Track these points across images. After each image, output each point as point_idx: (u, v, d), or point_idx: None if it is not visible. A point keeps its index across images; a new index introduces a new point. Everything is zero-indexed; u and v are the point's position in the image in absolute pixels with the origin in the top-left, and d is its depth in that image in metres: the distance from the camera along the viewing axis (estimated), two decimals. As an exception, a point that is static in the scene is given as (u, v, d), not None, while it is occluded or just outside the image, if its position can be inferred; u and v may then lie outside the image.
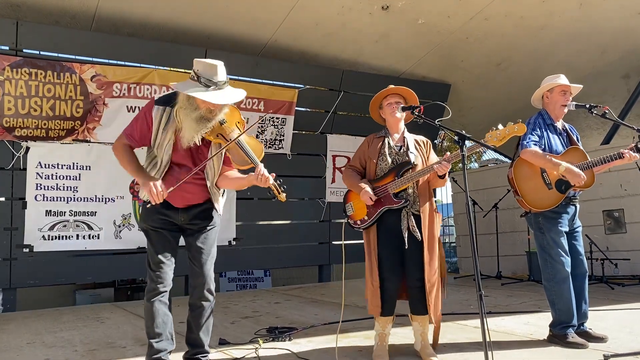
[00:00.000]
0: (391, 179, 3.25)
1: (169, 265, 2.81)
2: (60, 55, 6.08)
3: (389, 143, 3.37)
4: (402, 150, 3.35)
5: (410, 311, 3.33)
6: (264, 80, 7.29)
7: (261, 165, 2.78)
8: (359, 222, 3.35)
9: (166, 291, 2.80)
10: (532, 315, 4.56)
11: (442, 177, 3.23)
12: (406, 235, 3.21)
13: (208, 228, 2.92)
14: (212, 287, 2.92)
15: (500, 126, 3.06)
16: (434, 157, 3.41)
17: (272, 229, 7.73)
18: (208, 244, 2.90)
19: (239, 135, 2.80)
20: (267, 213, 7.63)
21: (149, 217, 2.84)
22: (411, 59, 7.87)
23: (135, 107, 6.22)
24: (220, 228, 3.06)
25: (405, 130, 3.46)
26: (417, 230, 3.21)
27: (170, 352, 2.81)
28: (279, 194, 2.79)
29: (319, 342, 3.71)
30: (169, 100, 2.79)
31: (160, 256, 2.80)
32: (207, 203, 2.91)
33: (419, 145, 3.41)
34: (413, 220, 3.24)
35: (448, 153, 3.16)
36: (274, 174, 2.77)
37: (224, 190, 3.04)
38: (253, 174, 2.78)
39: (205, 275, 2.88)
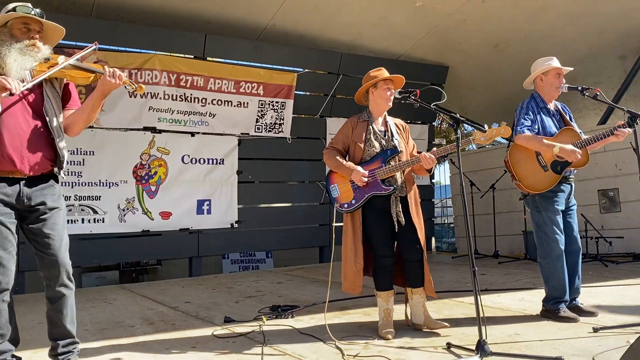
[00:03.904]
0: (378, 165, 3.34)
1: (10, 261, 2.51)
2: (61, 42, 6.10)
3: (373, 128, 3.45)
4: (387, 136, 3.45)
5: (410, 286, 3.45)
6: (263, 65, 7.35)
7: (107, 68, 2.60)
8: (345, 205, 3.41)
9: (8, 289, 2.53)
10: (526, 292, 4.69)
11: (428, 170, 3.35)
12: (395, 219, 3.34)
13: (55, 211, 2.63)
14: (71, 272, 2.66)
15: (486, 126, 3.17)
16: (412, 142, 3.55)
17: (273, 211, 7.85)
18: (58, 230, 2.61)
19: (70, 58, 2.61)
20: (268, 196, 7.76)
21: None
22: (409, 41, 7.92)
23: (136, 92, 6.29)
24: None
25: (386, 114, 3.55)
26: (402, 216, 3.34)
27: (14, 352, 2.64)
28: (137, 85, 2.69)
29: (320, 319, 3.82)
30: None
31: (1, 252, 2.49)
32: (50, 176, 2.65)
33: (400, 129, 3.53)
34: (400, 205, 3.36)
35: (435, 149, 3.31)
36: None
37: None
38: (101, 79, 2.61)
39: (63, 263, 2.61)
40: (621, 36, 7.42)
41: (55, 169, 2.67)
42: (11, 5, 2.61)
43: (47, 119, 2.60)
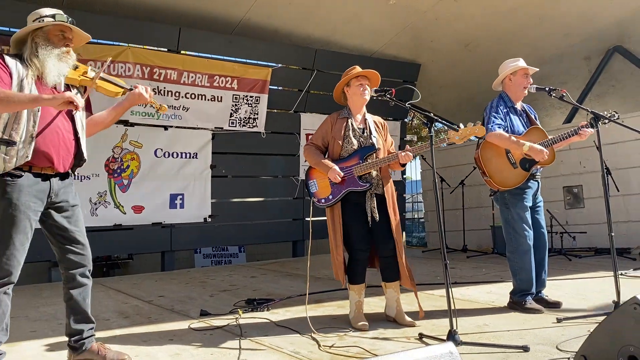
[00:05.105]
0: (355, 162, 3.42)
1: (23, 257, 2.56)
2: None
3: (352, 125, 3.52)
4: (365, 133, 3.52)
5: (384, 279, 3.55)
6: (237, 59, 7.35)
7: (141, 86, 2.79)
8: (323, 200, 3.49)
9: (14, 282, 2.54)
10: (494, 284, 4.85)
11: (403, 165, 3.44)
12: (370, 215, 3.42)
13: (77, 207, 2.77)
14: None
15: (461, 125, 3.26)
16: (390, 139, 3.64)
17: (246, 206, 7.88)
18: (81, 226, 2.76)
19: (101, 70, 2.76)
20: (241, 190, 7.77)
21: (23, 193, 2.50)
22: (382, 39, 8.02)
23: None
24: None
25: (366, 111, 3.62)
26: (377, 213, 3.41)
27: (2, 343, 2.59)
28: (160, 105, 2.91)
29: (296, 312, 3.91)
30: (15, 55, 2.67)
31: (19, 246, 2.50)
32: (69, 175, 2.77)
33: (378, 127, 3.60)
34: (375, 202, 3.44)
35: (409, 147, 3.43)
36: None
37: None
38: (130, 93, 2.79)
39: (89, 256, 2.78)
40: (586, 38, 7.68)
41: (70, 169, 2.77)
42: (49, 12, 2.72)
43: (75, 120, 2.72)
